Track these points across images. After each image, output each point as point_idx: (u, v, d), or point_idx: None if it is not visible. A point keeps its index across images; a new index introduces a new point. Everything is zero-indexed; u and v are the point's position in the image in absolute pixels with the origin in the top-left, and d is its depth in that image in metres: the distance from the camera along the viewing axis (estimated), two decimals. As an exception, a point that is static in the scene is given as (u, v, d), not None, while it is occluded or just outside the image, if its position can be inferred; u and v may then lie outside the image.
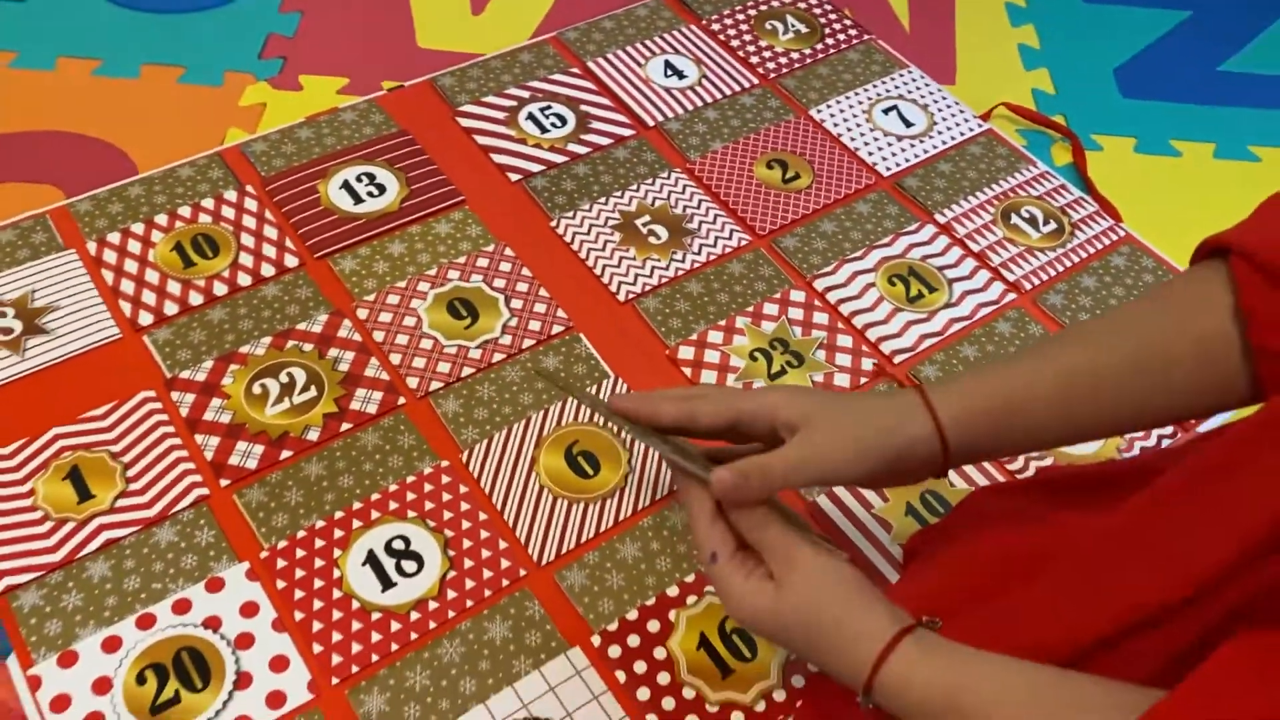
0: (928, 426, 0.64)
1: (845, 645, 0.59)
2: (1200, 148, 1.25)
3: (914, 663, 0.56)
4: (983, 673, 0.55)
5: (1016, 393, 0.64)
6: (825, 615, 0.59)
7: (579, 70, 1.25)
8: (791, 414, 0.64)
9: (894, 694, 0.57)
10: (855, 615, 0.59)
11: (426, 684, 0.78)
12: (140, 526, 0.84)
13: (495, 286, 1.02)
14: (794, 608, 0.60)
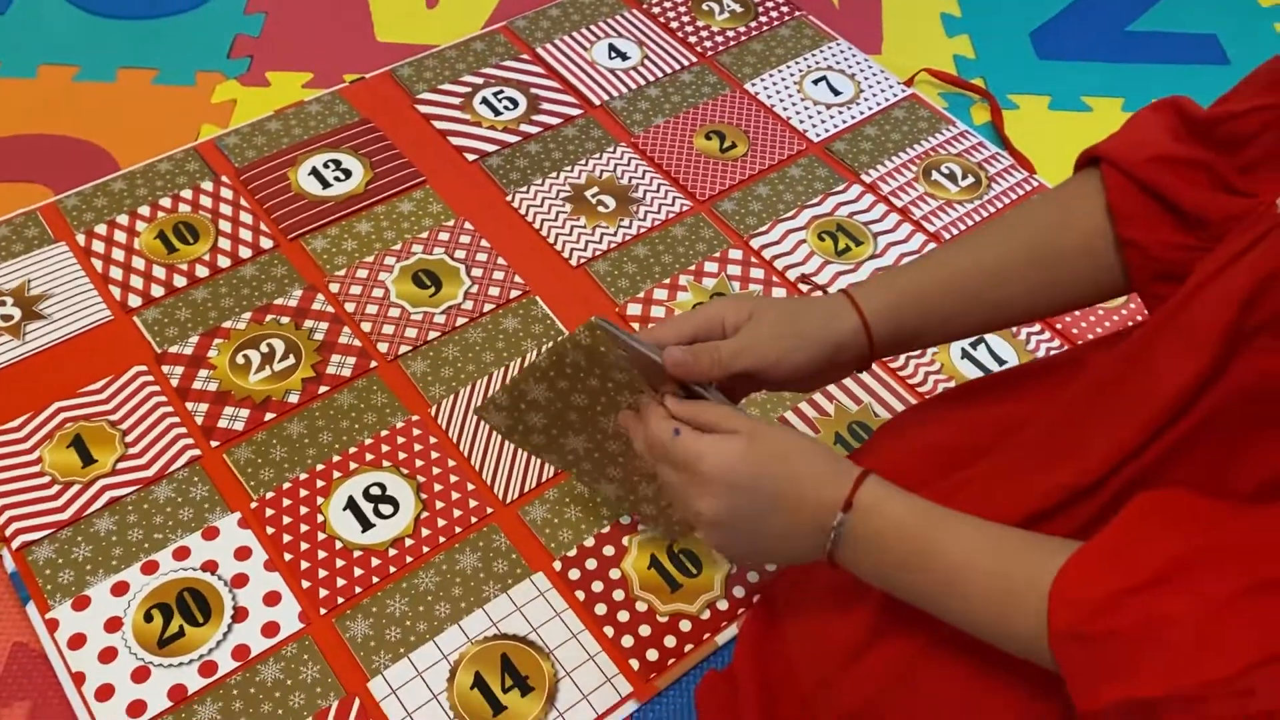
0: (855, 320, 0.72)
1: (819, 476, 0.63)
2: (1109, 103, 1.34)
3: (879, 493, 0.62)
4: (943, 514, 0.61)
5: (930, 287, 0.73)
6: (795, 452, 0.64)
7: (529, 56, 1.33)
8: (739, 315, 0.70)
9: (869, 516, 0.61)
10: (822, 453, 0.64)
11: (405, 610, 0.87)
12: (140, 485, 0.93)
13: (456, 257, 1.11)
14: (767, 448, 0.64)
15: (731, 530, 0.64)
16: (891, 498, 0.62)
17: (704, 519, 0.64)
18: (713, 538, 0.66)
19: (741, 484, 0.63)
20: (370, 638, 0.85)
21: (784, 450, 0.64)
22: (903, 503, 0.62)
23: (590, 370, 0.73)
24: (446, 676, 0.83)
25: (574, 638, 0.86)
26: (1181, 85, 1.36)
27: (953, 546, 0.59)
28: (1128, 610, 0.50)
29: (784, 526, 0.63)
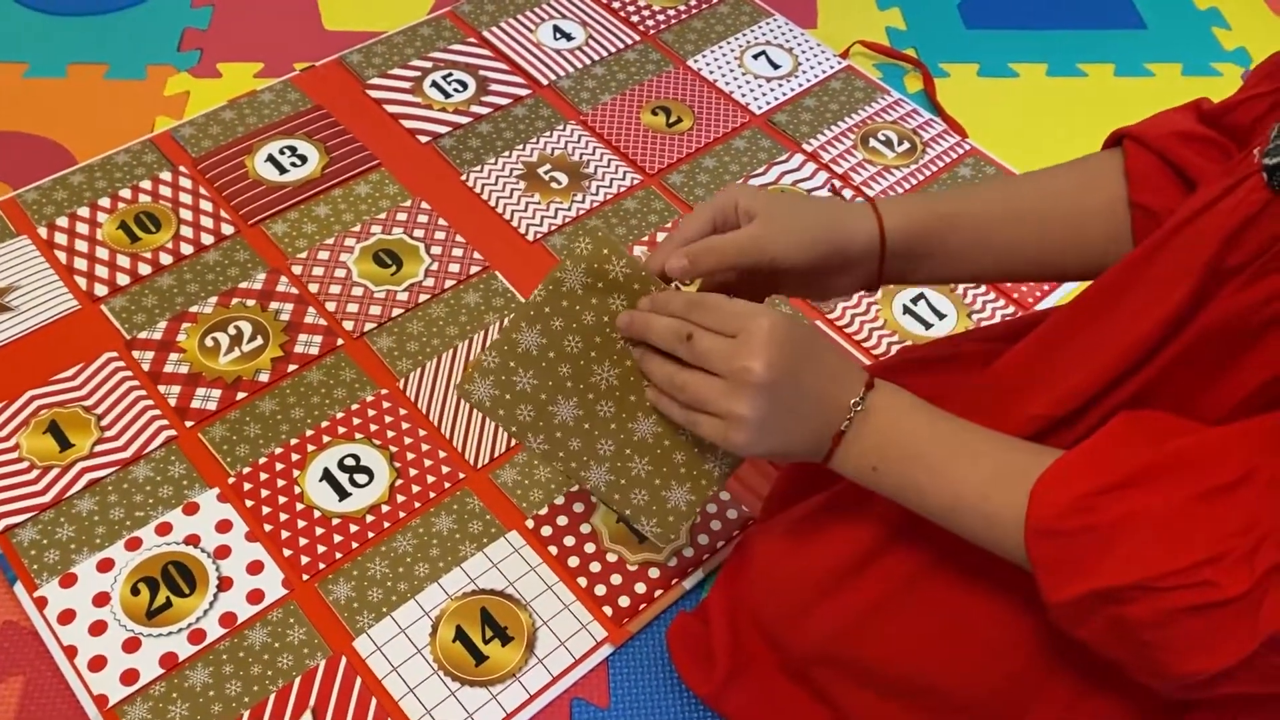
0: (872, 224, 0.72)
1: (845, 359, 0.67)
2: (1034, 68, 1.40)
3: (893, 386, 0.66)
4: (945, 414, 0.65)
5: (952, 213, 0.74)
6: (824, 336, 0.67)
7: (475, 40, 1.36)
8: (751, 204, 0.70)
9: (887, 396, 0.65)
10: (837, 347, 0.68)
11: (385, 571, 0.90)
12: (119, 466, 0.95)
13: (415, 236, 1.14)
14: (804, 324, 0.67)
15: (775, 394, 0.63)
16: (903, 392, 0.67)
17: (756, 378, 0.62)
18: (745, 406, 0.64)
19: (793, 340, 0.64)
20: (353, 599, 0.89)
21: (818, 330, 0.68)
22: (913, 398, 0.66)
23: (587, 301, 0.72)
24: (429, 632, 0.87)
25: (549, 589, 0.90)
26: (1102, 49, 1.43)
27: (950, 437, 0.64)
28: (1097, 510, 0.54)
29: (811, 398, 0.65)
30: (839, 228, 0.71)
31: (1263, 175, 0.55)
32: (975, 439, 0.64)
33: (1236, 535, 0.50)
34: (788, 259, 0.70)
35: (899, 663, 0.74)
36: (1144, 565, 0.52)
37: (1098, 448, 0.58)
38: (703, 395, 0.66)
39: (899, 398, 0.66)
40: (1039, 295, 1.13)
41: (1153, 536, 0.52)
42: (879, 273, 0.74)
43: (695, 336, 0.65)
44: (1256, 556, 0.50)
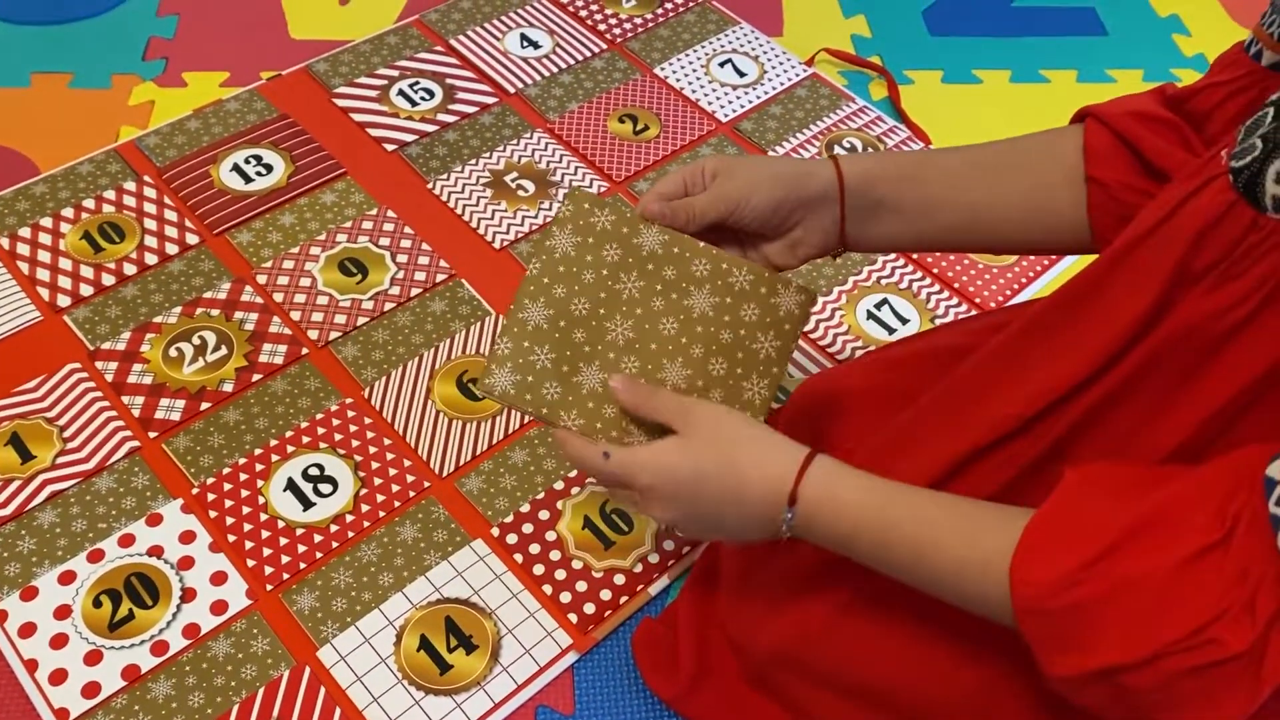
0: (830, 170, 0.74)
1: (765, 460, 0.65)
2: (998, 75, 1.41)
3: (827, 479, 0.64)
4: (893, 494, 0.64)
5: (913, 165, 0.76)
6: (739, 440, 0.66)
7: (442, 48, 1.37)
8: (716, 165, 0.74)
9: (819, 507, 0.64)
10: (764, 437, 0.67)
11: (350, 581, 0.90)
12: (81, 478, 0.95)
13: (381, 245, 1.14)
14: (705, 442, 0.66)
15: (691, 523, 0.68)
16: (841, 481, 0.64)
17: (662, 521, 0.69)
18: (679, 531, 0.70)
19: (685, 489, 0.66)
20: (317, 609, 0.89)
21: (722, 443, 0.67)
22: (853, 487, 0.64)
23: (582, 259, 0.71)
24: (393, 641, 0.87)
25: (514, 597, 0.90)
26: (1064, 56, 1.45)
27: (909, 529, 0.62)
28: (1085, 584, 0.52)
29: (737, 519, 0.67)
30: (797, 171, 0.74)
31: (1229, 177, 0.56)
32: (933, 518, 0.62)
33: (1233, 587, 0.49)
34: (749, 204, 0.72)
35: (863, 668, 0.74)
36: (1147, 639, 0.50)
37: (1066, 513, 0.56)
38: None
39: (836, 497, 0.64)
40: (1003, 299, 1.14)
41: (1151, 606, 0.51)
42: (841, 224, 0.75)
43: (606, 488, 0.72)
44: (1256, 606, 0.48)
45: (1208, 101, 0.71)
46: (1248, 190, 0.54)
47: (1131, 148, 0.72)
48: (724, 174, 0.73)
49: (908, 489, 0.64)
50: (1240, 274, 0.55)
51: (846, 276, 1.15)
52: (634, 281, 0.72)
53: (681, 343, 0.72)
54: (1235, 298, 0.55)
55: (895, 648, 0.73)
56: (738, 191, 0.72)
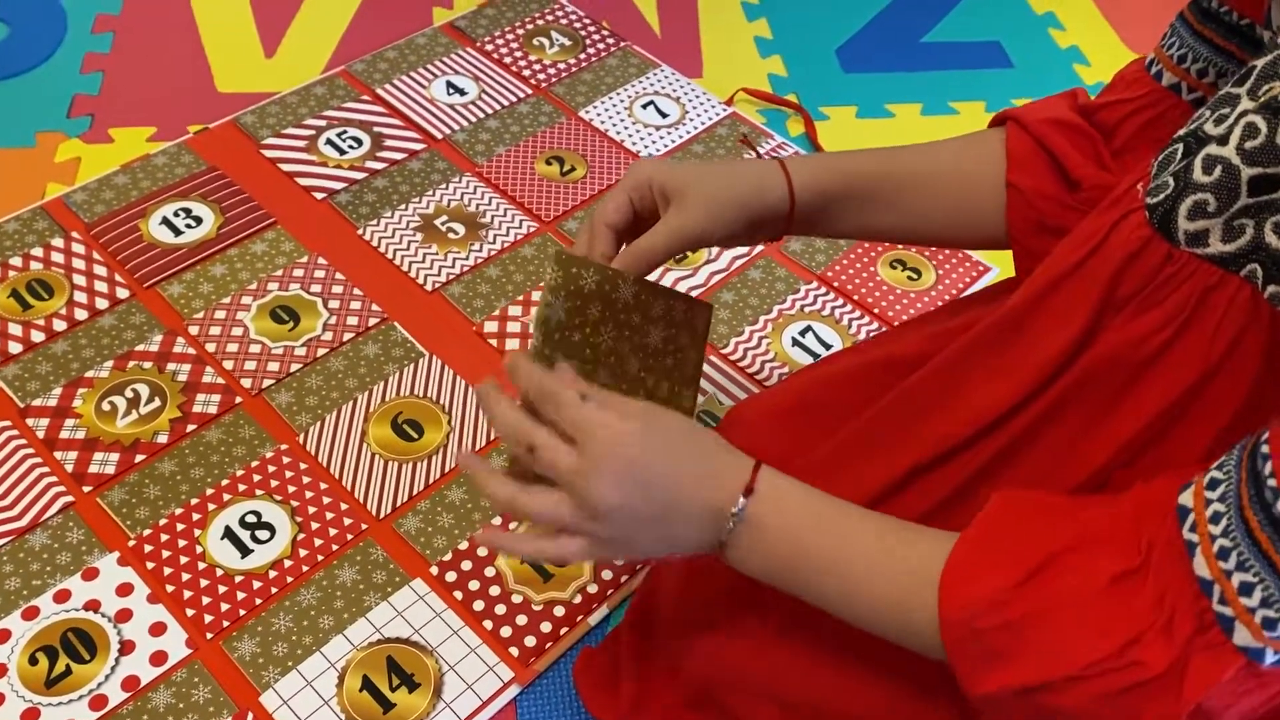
0: (782, 189, 0.76)
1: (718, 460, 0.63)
2: (909, 108, 1.47)
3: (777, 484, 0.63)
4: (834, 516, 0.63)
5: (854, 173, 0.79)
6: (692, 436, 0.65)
7: (369, 97, 1.39)
8: (668, 183, 0.73)
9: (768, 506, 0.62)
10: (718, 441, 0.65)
11: (290, 626, 0.91)
12: (14, 536, 0.94)
13: (313, 291, 1.15)
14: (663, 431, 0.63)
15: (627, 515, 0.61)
16: (790, 490, 0.63)
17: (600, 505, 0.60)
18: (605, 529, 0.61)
19: (637, 464, 0.61)
20: (258, 655, 0.89)
21: (682, 433, 0.64)
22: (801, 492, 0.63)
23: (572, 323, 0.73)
24: (335, 682, 0.88)
25: (455, 634, 0.91)
26: (973, 88, 1.51)
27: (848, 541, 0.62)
28: (1012, 605, 0.54)
29: (679, 510, 0.62)
30: (756, 199, 0.75)
31: (1144, 212, 0.59)
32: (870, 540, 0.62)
33: (1150, 610, 0.51)
34: (710, 238, 0.74)
35: (803, 683, 0.76)
36: (1071, 658, 0.52)
37: (993, 535, 0.58)
38: (554, 516, 0.62)
39: (786, 500, 0.63)
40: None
41: (1075, 627, 0.52)
42: (785, 229, 0.79)
43: (538, 448, 0.62)
44: (1173, 628, 0.50)
45: (1113, 116, 0.75)
46: (1162, 225, 0.58)
47: (1050, 155, 0.76)
48: (676, 197, 0.73)
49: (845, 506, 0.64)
50: (1157, 303, 0.58)
51: (771, 305, 1.19)
52: (609, 333, 0.75)
53: (640, 377, 0.76)
54: (1153, 326, 0.59)
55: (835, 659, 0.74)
56: (697, 227, 0.73)
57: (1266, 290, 0.54)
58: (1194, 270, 0.56)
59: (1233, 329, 0.56)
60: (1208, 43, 0.70)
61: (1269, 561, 0.47)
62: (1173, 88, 0.73)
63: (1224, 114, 0.55)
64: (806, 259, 1.24)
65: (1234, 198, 0.54)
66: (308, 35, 1.49)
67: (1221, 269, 0.55)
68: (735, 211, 0.74)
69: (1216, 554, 0.49)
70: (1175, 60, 0.72)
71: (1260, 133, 0.52)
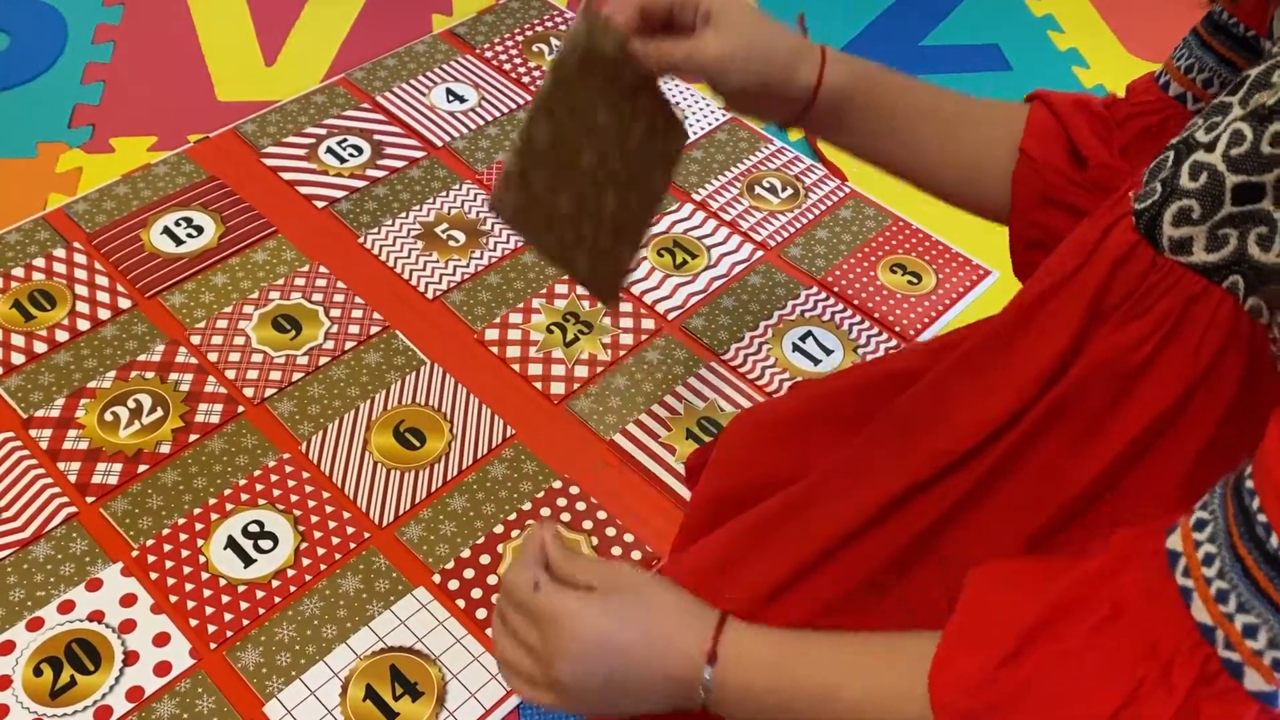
0: (812, 76, 0.76)
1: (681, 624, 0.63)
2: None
3: (740, 638, 0.62)
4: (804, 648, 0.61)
5: (885, 95, 0.79)
6: (653, 603, 0.64)
7: (369, 105, 1.39)
8: (715, 4, 0.73)
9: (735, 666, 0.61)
10: (680, 601, 0.65)
11: (293, 635, 0.91)
12: (17, 547, 0.95)
13: (314, 300, 1.16)
14: (623, 600, 0.64)
15: (585, 694, 0.63)
16: (754, 639, 0.63)
17: (560, 683, 0.63)
18: (567, 701, 0.64)
19: (594, 646, 0.62)
20: (261, 665, 0.89)
21: (641, 604, 0.64)
22: (764, 645, 0.62)
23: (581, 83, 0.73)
24: (339, 692, 0.88)
25: (458, 642, 0.91)
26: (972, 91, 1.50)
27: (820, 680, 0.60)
28: (1001, 681, 0.52)
29: (643, 684, 0.63)
30: (785, 70, 0.75)
31: (1132, 218, 0.59)
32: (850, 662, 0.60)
33: (1142, 661, 0.49)
34: (725, 83, 0.74)
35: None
36: None
37: (975, 616, 0.57)
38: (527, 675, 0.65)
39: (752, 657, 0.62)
40: (922, 326, 1.19)
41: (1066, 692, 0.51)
42: (795, 118, 0.79)
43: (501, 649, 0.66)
44: (1172, 679, 0.48)
45: (1118, 113, 0.77)
46: (1148, 231, 0.58)
47: (1066, 132, 0.77)
48: (717, 22, 0.73)
49: (812, 641, 0.62)
50: (1143, 312, 0.58)
51: (772, 311, 1.19)
52: (605, 114, 0.75)
53: (616, 172, 0.78)
54: (1140, 335, 0.58)
55: None
56: (723, 61, 0.72)
57: (1247, 302, 0.54)
58: (1178, 279, 0.56)
59: (1215, 344, 0.56)
60: (1213, 53, 0.70)
61: (1269, 600, 0.45)
62: (1179, 98, 0.73)
63: (1215, 122, 0.55)
64: (807, 264, 1.24)
65: (1218, 205, 0.54)
66: (307, 43, 1.50)
67: (1205, 279, 0.55)
68: (762, 67, 0.74)
69: (1215, 597, 0.47)
70: (1182, 71, 0.72)
71: (1246, 139, 0.52)
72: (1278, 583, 0.45)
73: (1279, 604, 0.45)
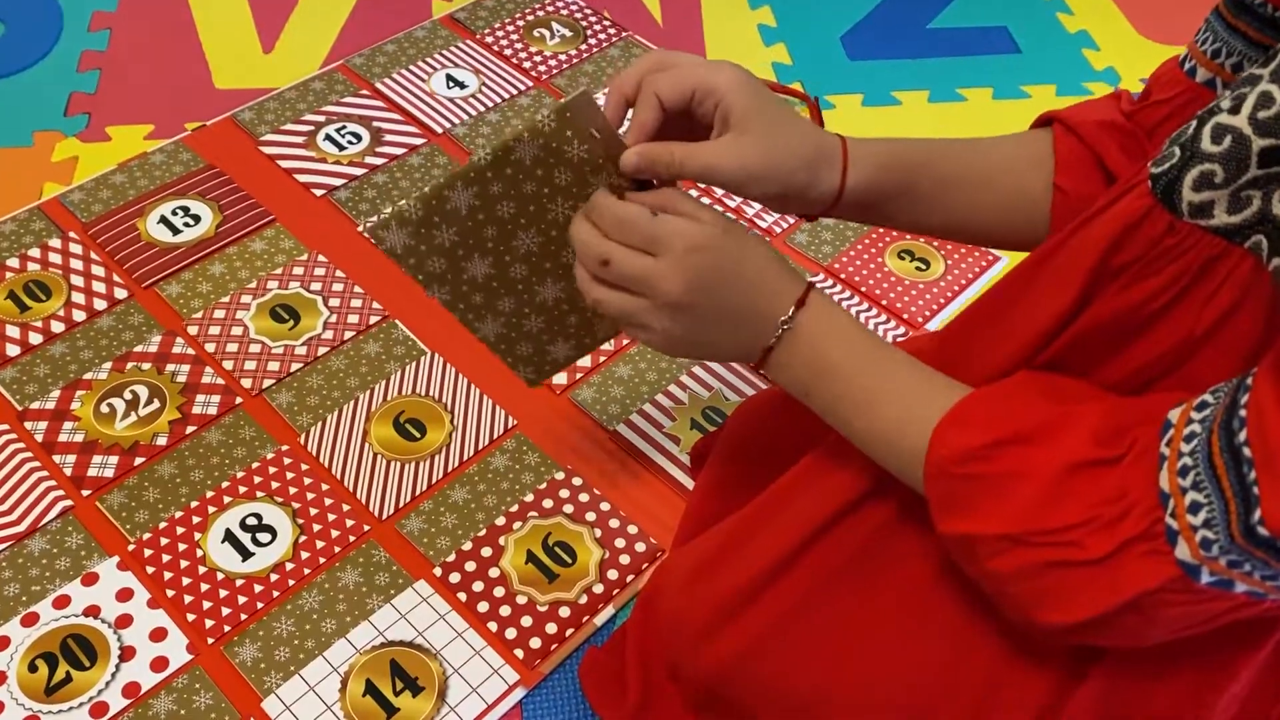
0: (836, 177, 0.71)
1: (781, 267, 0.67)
2: (916, 95, 1.45)
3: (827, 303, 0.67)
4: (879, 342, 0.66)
5: (912, 174, 0.75)
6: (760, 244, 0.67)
7: (368, 92, 1.37)
8: (736, 106, 0.68)
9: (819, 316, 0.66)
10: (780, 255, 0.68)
11: (292, 630, 0.90)
12: (12, 541, 0.93)
13: (313, 290, 1.14)
14: (737, 235, 0.66)
15: (694, 314, 0.66)
16: (838, 310, 0.67)
17: (673, 300, 0.65)
18: (665, 322, 0.66)
19: (716, 258, 0.64)
20: (260, 660, 0.88)
21: (751, 241, 0.67)
22: (846, 316, 0.67)
23: (533, 172, 0.69)
24: (338, 687, 0.86)
25: (459, 636, 0.90)
26: (980, 74, 1.48)
27: (878, 369, 0.65)
28: (990, 460, 0.57)
29: (740, 310, 0.66)
30: (808, 182, 0.71)
31: (1148, 183, 0.58)
32: (899, 372, 0.65)
33: (1107, 503, 0.53)
34: (745, 190, 0.69)
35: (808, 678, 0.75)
36: (1018, 518, 0.55)
37: (998, 397, 0.61)
38: (623, 310, 0.67)
39: (831, 320, 0.67)
40: (930, 313, 1.17)
41: (1032, 495, 0.55)
42: (816, 214, 0.75)
43: (613, 261, 0.66)
44: (1121, 525, 0.52)
45: (1151, 118, 0.74)
46: (1165, 196, 0.56)
47: (1097, 158, 0.75)
48: (738, 129, 0.68)
49: (881, 341, 0.67)
50: (1156, 273, 0.58)
51: (777, 299, 1.17)
52: (564, 207, 0.71)
53: (562, 259, 0.74)
54: (1151, 293, 0.58)
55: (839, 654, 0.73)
56: (734, 179, 0.68)
57: (1271, 263, 0.53)
58: (1196, 241, 0.56)
59: (1227, 299, 0.55)
60: (1241, 36, 0.68)
61: (1218, 484, 0.49)
62: (1207, 84, 0.71)
63: (1243, 94, 0.53)
64: (813, 250, 1.22)
65: (1243, 169, 0.52)
66: (306, 30, 1.47)
67: (1225, 240, 0.54)
68: (785, 179, 0.69)
69: (1179, 470, 0.50)
70: (1209, 55, 0.70)
71: (1275, 102, 0.51)
72: (1231, 472, 0.48)
73: (1224, 488, 0.48)
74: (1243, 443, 0.48)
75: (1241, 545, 0.48)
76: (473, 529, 0.97)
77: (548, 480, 1.00)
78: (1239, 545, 0.48)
